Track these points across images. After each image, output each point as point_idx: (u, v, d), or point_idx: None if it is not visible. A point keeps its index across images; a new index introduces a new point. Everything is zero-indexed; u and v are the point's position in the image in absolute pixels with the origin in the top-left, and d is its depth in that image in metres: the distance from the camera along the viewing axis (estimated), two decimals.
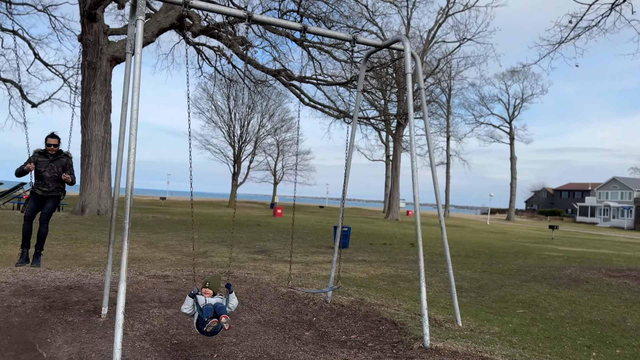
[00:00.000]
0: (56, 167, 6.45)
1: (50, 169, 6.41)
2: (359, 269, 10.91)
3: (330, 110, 28.07)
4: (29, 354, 4.67)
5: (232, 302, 4.77)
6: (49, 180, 6.40)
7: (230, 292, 4.77)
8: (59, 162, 6.49)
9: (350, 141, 6.78)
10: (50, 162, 6.43)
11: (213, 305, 4.58)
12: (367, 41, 6.42)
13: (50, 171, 6.41)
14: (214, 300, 4.64)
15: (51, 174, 6.41)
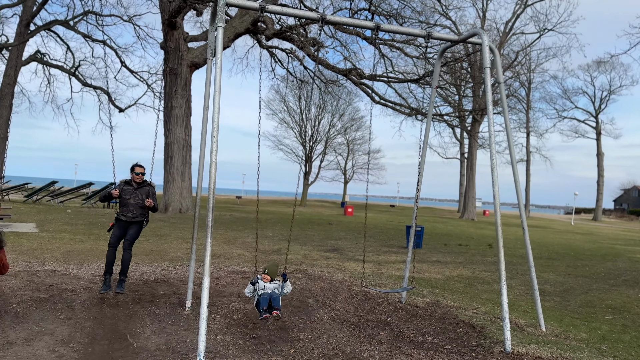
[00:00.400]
0: (140, 194, 6.77)
1: (135, 196, 6.74)
2: (434, 270, 10.70)
3: (401, 107, 27.71)
4: (120, 343, 5.01)
5: (286, 289, 5.60)
6: (133, 207, 6.71)
7: (285, 281, 5.60)
8: (143, 190, 6.81)
9: (425, 139, 6.67)
10: (135, 189, 6.78)
11: (269, 294, 5.43)
12: (442, 36, 6.28)
13: (135, 198, 6.73)
14: (271, 287, 5.48)
15: (136, 201, 6.72)
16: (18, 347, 4.64)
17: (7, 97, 29.85)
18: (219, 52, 4.64)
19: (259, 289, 5.48)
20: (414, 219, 7.04)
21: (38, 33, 31.21)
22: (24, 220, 15.58)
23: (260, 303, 5.41)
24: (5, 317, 5.44)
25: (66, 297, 6.21)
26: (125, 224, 6.73)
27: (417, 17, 23.08)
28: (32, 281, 6.86)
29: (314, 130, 53.26)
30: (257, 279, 5.53)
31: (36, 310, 5.71)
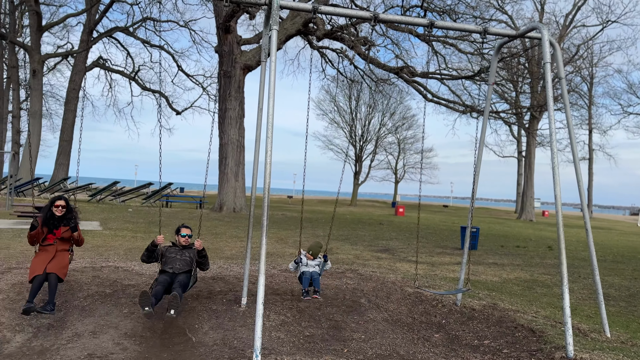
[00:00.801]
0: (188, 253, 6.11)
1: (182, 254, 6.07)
2: (490, 272, 10.41)
3: (455, 105, 27.12)
4: (180, 337, 5.19)
5: (326, 266, 6.84)
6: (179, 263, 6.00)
7: (326, 261, 6.80)
8: (190, 250, 6.14)
9: (481, 137, 6.50)
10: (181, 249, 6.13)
11: (310, 274, 6.66)
12: (499, 31, 6.10)
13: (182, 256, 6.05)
14: (313, 265, 6.73)
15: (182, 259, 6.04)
16: (85, 339, 4.90)
17: (72, 101, 31.58)
18: (273, 54, 4.71)
19: (302, 264, 6.71)
20: (469, 220, 6.88)
21: (100, 40, 32.84)
22: (89, 219, 16.42)
23: (302, 281, 6.65)
24: (73, 310, 5.76)
25: (129, 292, 6.50)
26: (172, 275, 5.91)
27: (471, 13, 22.52)
28: (98, 277, 7.22)
29: (364, 129, 53.09)
30: (300, 258, 6.73)
31: (101, 305, 6.01)
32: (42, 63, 29.67)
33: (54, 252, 5.68)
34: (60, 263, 5.66)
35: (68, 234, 5.82)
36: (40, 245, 5.71)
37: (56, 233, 5.75)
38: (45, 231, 5.70)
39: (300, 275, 6.75)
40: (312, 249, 6.80)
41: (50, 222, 5.73)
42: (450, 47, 24.66)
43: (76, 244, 5.99)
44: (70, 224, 5.84)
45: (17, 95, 32.66)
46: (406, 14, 23.24)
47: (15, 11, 31.74)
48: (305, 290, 6.64)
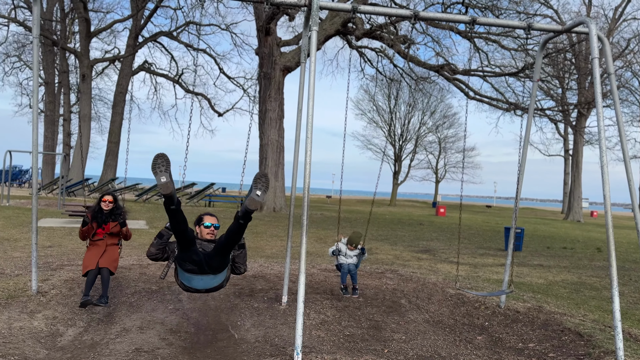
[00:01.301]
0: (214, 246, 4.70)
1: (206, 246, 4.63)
2: (535, 274, 10.12)
3: (498, 103, 26.49)
4: (223, 334, 5.31)
5: (363, 257, 7.01)
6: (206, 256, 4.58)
7: (364, 253, 6.97)
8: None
9: (526, 135, 6.34)
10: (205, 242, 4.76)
11: (347, 266, 6.81)
12: (544, 27, 5.93)
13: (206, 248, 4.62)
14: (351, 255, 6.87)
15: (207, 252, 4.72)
16: (133, 334, 5.08)
17: (120, 104, 32.70)
18: (313, 55, 4.75)
19: (341, 254, 6.86)
20: (513, 220, 6.71)
21: (145, 44, 33.87)
22: (136, 218, 16.97)
23: (341, 275, 6.90)
24: (122, 306, 5.98)
25: (174, 289, 6.69)
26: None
27: (514, 8, 21.94)
28: (144, 274, 7.46)
29: (403, 128, 52.61)
30: (338, 249, 6.90)
31: (148, 301, 6.21)
32: (90, 68, 30.89)
33: (104, 246, 5.88)
34: (110, 257, 5.84)
35: (117, 228, 6.02)
36: (90, 240, 5.92)
37: (105, 228, 5.95)
38: (95, 226, 5.90)
39: (338, 265, 6.94)
40: (353, 239, 6.89)
41: (99, 216, 5.94)
42: (493, 43, 24.11)
43: (124, 238, 6.18)
44: (119, 219, 6.02)
45: (67, 99, 34.10)
46: (447, 11, 22.88)
47: (65, 18, 33.16)
48: (344, 287, 6.84)
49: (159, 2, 31.19)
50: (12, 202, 20.57)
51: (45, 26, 30.71)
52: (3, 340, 4.57)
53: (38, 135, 5.77)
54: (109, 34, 35.74)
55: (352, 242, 6.88)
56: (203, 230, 4.71)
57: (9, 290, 6.00)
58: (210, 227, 4.70)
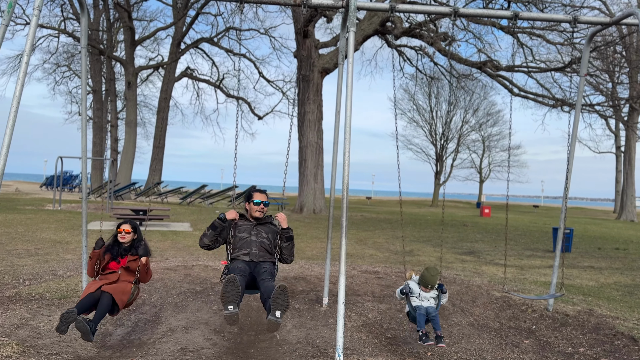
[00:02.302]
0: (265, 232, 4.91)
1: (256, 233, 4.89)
2: (585, 276, 9.74)
3: (544, 99, 25.66)
4: (265, 334, 5.35)
5: (443, 300, 4.97)
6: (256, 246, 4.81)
7: (444, 292, 4.96)
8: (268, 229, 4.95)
9: (573, 132, 6.11)
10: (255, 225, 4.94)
11: (425, 309, 4.75)
12: (590, 20, 5.71)
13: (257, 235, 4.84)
14: (427, 299, 4.86)
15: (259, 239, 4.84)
16: (179, 334, 5.20)
17: (164, 110, 33.67)
18: (351, 56, 4.74)
19: (412, 295, 4.89)
20: (562, 220, 6.48)
21: (187, 51, 34.74)
22: (180, 220, 17.41)
23: (417, 321, 4.70)
24: (167, 307, 6.14)
25: (218, 290, 6.81)
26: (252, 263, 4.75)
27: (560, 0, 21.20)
28: (189, 275, 7.64)
29: (445, 127, 51.75)
30: (409, 288, 4.89)
31: (193, 302, 6.35)
32: (135, 75, 31.95)
33: (115, 279, 4.63)
34: (120, 287, 4.55)
35: (135, 264, 4.71)
36: (100, 274, 4.70)
37: (120, 261, 4.73)
38: (107, 258, 4.70)
39: (409, 311, 4.93)
40: (427, 279, 4.86)
41: (115, 249, 4.78)
42: (538, 38, 23.38)
43: (141, 277, 4.75)
44: (139, 251, 4.77)
45: (114, 106, 35.41)
46: (488, 6, 22.36)
47: (111, 28, 34.45)
48: (424, 333, 4.60)
49: (200, 9, 31.95)
50: (64, 206, 21.50)
51: (93, 36, 32.00)
52: (57, 339, 4.77)
53: (87, 141, 5.99)
54: (152, 42, 36.92)
55: (427, 283, 4.86)
56: (252, 207, 4.87)
57: (61, 291, 6.27)
58: (260, 205, 4.84)
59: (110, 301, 4.44)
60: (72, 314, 4.12)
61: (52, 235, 11.89)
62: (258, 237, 4.76)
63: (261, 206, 4.83)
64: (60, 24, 32.53)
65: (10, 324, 5.04)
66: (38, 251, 9.56)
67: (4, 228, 12.73)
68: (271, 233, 4.86)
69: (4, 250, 9.40)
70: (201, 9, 32.15)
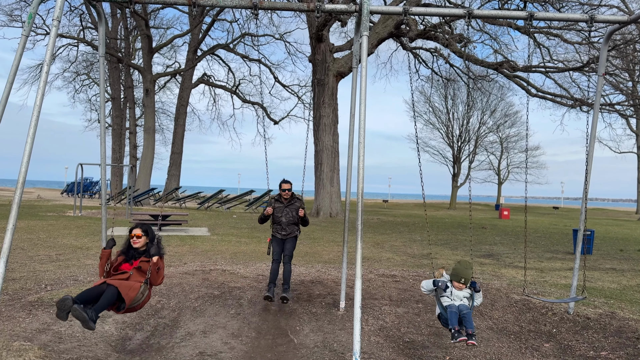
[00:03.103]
0: (291, 212, 6.75)
1: (286, 214, 6.74)
2: (607, 279, 9.56)
3: (562, 99, 25.31)
4: (282, 338, 5.37)
5: (477, 300, 4.61)
6: (285, 225, 6.73)
7: (478, 291, 4.60)
8: (293, 207, 6.77)
9: (591, 132, 6.03)
10: (285, 207, 6.77)
11: (457, 307, 4.41)
12: (608, 18, 5.63)
13: (286, 216, 6.72)
14: (460, 297, 4.51)
15: (287, 219, 6.72)
16: (197, 338, 5.25)
17: (182, 116, 34.03)
18: (364, 60, 4.75)
19: (444, 293, 4.53)
20: (581, 222, 6.38)
21: (204, 57, 35.09)
22: (198, 225, 17.56)
23: (448, 319, 4.41)
24: (186, 311, 6.20)
25: (235, 294, 6.86)
26: (282, 241, 6.81)
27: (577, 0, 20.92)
28: (207, 279, 7.70)
29: (462, 129, 51.33)
30: (445, 283, 4.52)
31: (211, 306, 6.40)
32: (153, 82, 32.35)
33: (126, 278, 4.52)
34: (128, 283, 4.42)
35: (147, 265, 4.62)
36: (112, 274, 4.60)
37: (134, 263, 4.69)
38: (120, 260, 4.69)
39: (440, 313, 4.61)
40: (459, 272, 4.55)
41: (130, 252, 4.75)
42: (555, 37, 23.09)
43: (151, 277, 4.57)
44: (151, 250, 4.67)
45: (132, 113, 35.89)
46: (504, 7, 22.17)
47: (129, 36, 34.97)
48: (457, 330, 4.35)
49: (215, 16, 32.27)
50: (84, 213, 21.85)
51: (111, 44, 32.53)
52: (78, 344, 4.85)
53: (106, 148, 6.09)
54: (169, 49, 37.36)
55: (460, 276, 4.54)
56: (281, 193, 6.85)
57: None
58: (285, 192, 6.81)
59: (115, 293, 4.22)
60: (66, 302, 3.98)
61: (72, 241, 12.09)
62: (286, 217, 6.78)
63: (286, 192, 6.81)
64: (79, 33, 33.13)
65: (32, 328, 5.14)
66: (59, 257, 9.73)
67: (26, 234, 12.99)
68: (295, 210, 6.82)
69: (26, 256, 9.59)
70: (217, 16, 32.47)
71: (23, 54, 4.84)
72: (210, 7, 5.76)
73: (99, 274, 4.63)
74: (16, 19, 27.83)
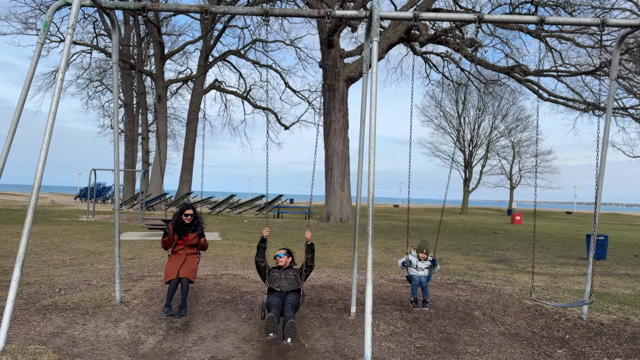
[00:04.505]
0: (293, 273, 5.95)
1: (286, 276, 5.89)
2: (621, 284, 9.44)
3: (575, 103, 25.13)
4: (294, 343, 5.37)
5: (435, 269, 6.66)
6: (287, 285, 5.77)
7: (435, 265, 6.62)
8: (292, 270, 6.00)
9: (604, 136, 5.98)
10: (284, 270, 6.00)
11: (419, 279, 6.58)
12: (620, 22, 5.60)
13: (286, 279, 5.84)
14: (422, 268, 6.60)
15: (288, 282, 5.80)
16: (209, 342, 5.28)
17: (193, 122, 34.27)
18: (374, 66, 4.77)
19: (412, 266, 6.60)
20: (594, 227, 6.33)
21: (215, 64, 35.34)
22: (210, 230, 17.64)
23: (411, 287, 6.61)
24: (198, 315, 6.23)
25: (246, 299, 6.88)
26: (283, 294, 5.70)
27: (589, 3, 20.79)
28: (218, 284, 7.73)
29: (473, 134, 51.10)
30: (409, 260, 6.63)
31: (222, 310, 6.43)
32: (165, 89, 32.65)
33: (184, 256, 6.28)
34: (190, 267, 6.23)
35: (196, 240, 6.36)
36: (172, 250, 6.33)
37: (185, 239, 6.33)
38: (176, 238, 6.30)
39: (408, 276, 6.74)
40: (421, 246, 6.68)
41: (180, 228, 6.32)
42: (567, 41, 22.96)
43: (202, 248, 6.52)
44: (198, 230, 6.36)
45: (145, 119, 36.24)
46: (515, 11, 22.10)
47: (141, 43, 35.35)
48: (414, 299, 6.55)
49: (227, 22, 32.52)
50: (97, 217, 22.06)
51: (124, 51, 32.90)
52: (91, 347, 4.91)
53: (119, 153, 6.17)
54: (181, 56, 37.72)
55: (421, 248, 6.63)
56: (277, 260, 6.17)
57: (95, 300, 6.44)
58: (279, 257, 6.11)
59: (188, 283, 6.14)
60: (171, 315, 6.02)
61: (86, 246, 12.21)
62: (286, 276, 5.96)
63: (280, 258, 6.10)
64: (92, 40, 33.56)
65: (47, 332, 5.21)
66: (73, 261, 9.84)
67: (40, 239, 13.15)
68: (295, 272, 6.06)
69: (40, 261, 9.71)
70: (228, 23, 32.72)
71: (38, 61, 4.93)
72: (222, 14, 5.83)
73: (163, 248, 6.33)
74: (31, 27, 28.28)
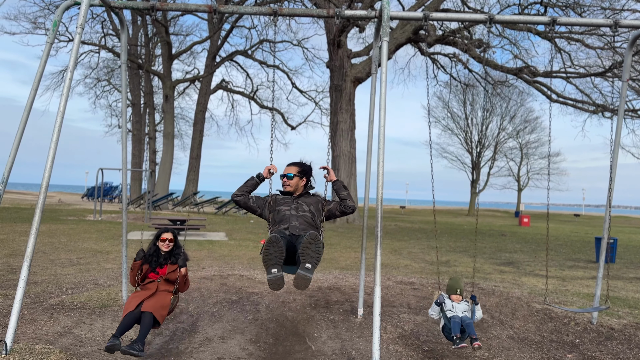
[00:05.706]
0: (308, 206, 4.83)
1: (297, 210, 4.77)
2: (631, 288, 9.34)
3: (584, 105, 24.94)
4: (300, 345, 5.34)
5: (477, 314, 4.73)
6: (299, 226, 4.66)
7: (476, 304, 4.75)
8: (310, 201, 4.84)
9: (616, 139, 5.90)
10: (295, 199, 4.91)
11: (460, 318, 4.57)
12: (632, 23, 5.52)
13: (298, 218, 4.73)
14: (461, 310, 4.66)
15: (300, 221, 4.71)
16: (215, 344, 5.25)
17: (200, 122, 34.36)
18: (384, 65, 4.72)
19: (446, 309, 4.69)
20: (605, 230, 6.24)
21: (222, 64, 35.42)
22: (216, 230, 17.65)
23: (451, 328, 4.54)
24: (204, 316, 6.21)
25: (253, 299, 6.86)
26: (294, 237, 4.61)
27: (599, 4, 20.62)
28: (225, 284, 7.72)
29: (481, 135, 50.89)
30: (443, 298, 4.73)
31: (229, 311, 6.41)
32: (173, 89, 32.74)
33: (154, 289, 4.61)
34: (159, 302, 4.50)
35: (174, 275, 4.68)
36: (141, 285, 4.68)
37: (159, 272, 4.70)
38: (145, 269, 4.66)
39: (444, 325, 4.77)
40: (451, 285, 4.80)
41: (154, 259, 4.73)
42: (576, 43, 22.79)
43: (180, 287, 4.75)
44: (179, 261, 4.73)
45: (152, 118, 36.36)
46: (524, 11, 21.97)
47: (149, 43, 35.48)
48: (457, 337, 4.47)
49: (234, 22, 32.57)
50: (104, 217, 22.14)
51: (131, 51, 33.02)
52: (98, 347, 4.90)
53: (127, 153, 6.16)
54: (188, 56, 37.84)
55: (453, 289, 4.78)
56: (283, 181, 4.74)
57: (102, 300, 6.44)
58: (284, 178, 4.70)
59: (152, 320, 4.41)
60: (115, 346, 4.10)
61: (93, 245, 12.25)
62: (298, 211, 4.42)
63: (285, 179, 4.56)
64: (100, 40, 33.72)
65: (54, 332, 5.21)
66: (80, 261, 9.86)
67: (47, 238, 13.20)
68: (314, 204, 4.54)
69: (47, 260, 9.74)
70: (235, 23, 32.77)
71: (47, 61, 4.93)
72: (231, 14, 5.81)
73: (130, 283, 4.74)
74: (40, 27, 28.45)
